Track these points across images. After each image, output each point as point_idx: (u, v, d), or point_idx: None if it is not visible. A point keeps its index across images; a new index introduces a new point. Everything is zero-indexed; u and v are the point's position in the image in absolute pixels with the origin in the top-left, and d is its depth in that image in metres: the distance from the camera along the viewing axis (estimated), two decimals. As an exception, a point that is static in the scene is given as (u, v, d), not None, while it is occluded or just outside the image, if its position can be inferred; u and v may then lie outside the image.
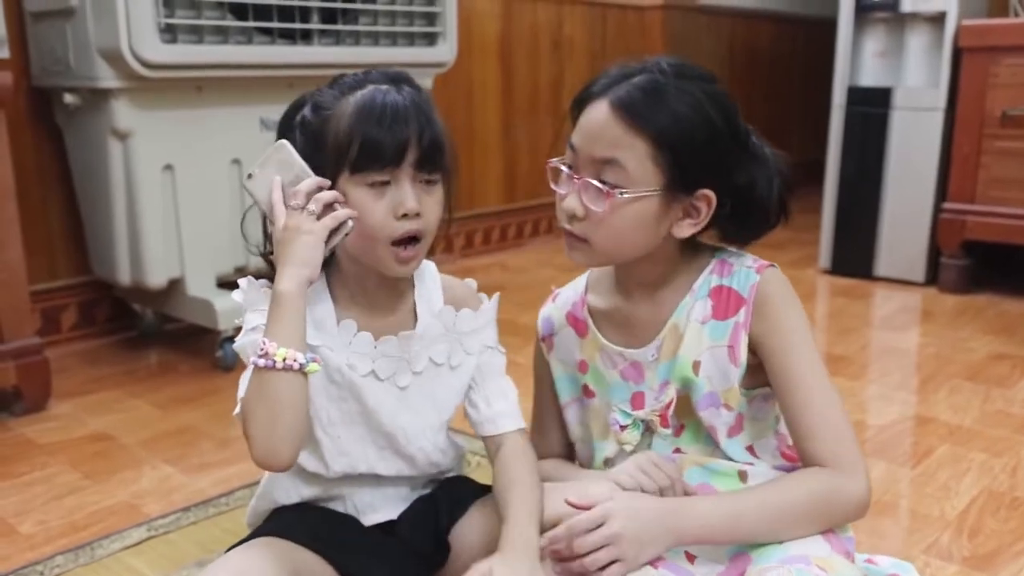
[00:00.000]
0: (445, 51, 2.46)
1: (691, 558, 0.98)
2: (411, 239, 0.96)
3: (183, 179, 2.10)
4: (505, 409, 1.07)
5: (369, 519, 1.07)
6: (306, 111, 0.98)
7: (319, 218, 0.91)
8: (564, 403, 1.15)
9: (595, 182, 0.95)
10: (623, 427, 1.06)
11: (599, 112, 0.96)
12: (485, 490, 1.09)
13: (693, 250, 1.05)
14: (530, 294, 2.72)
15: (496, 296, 1.11)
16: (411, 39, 2.40)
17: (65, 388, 2.04)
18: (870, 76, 2.99)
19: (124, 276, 2.14)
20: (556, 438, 1.18)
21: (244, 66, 2.09)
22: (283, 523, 1.03)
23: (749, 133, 1.01)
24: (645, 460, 1.01)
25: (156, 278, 2.11)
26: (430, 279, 1.08)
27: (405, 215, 0.94)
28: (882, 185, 2.90)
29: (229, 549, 1.00)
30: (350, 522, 1.06)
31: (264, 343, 0.87)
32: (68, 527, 1.45)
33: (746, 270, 1.02)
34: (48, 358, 1.93)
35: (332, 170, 0.94)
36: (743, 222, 1.02)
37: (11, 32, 2.07)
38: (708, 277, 1.03)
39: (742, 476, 1.02)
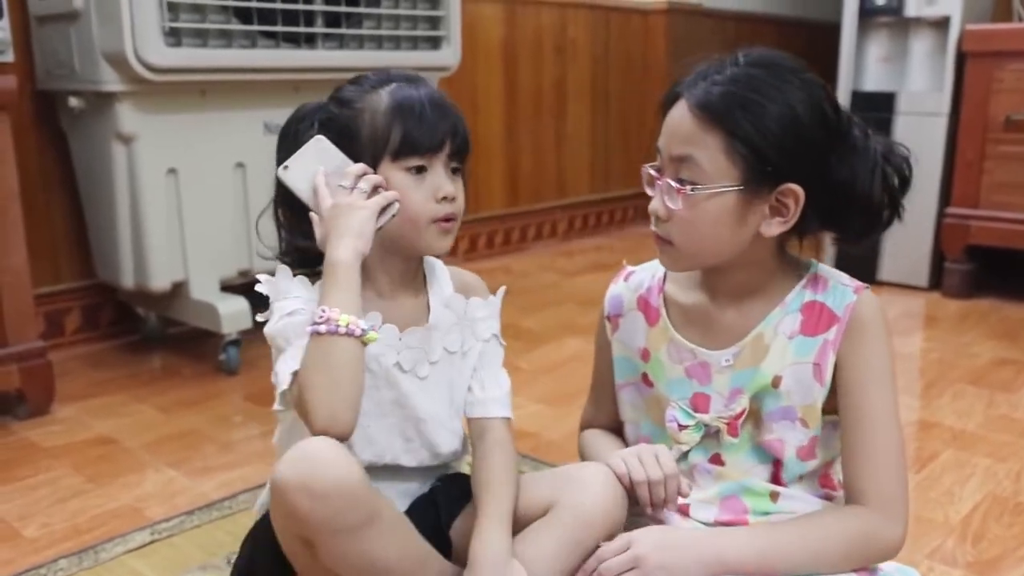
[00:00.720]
0: (449, 55, 2.47)
1: None
2: (449, 219, 1.01)
3: (187, 183, 2.10)
4: (496, 396, 1.08)
5: None
6: (331, 108, 1.03)
7: (368, 198, 0.96)
8: (619, 384, 1.13)
9: (671, 181, 0.94)
10: (682, 426, 1.04)
11: (678, 111, 0.95)
12: None
13: (788, 262, 1.03)
14: (533, 298, 2.72)
15: (503, 289, 1.12)
16: (415, 43, 2.40)
17: (68, 391, 2.04)
18: (874, 81, 2.99)
19: (128, 280, 2.14)
20: (607, 413, 1.17)
21: (248, 70, 2.10)
22: None
23: (849, 122, 0.97)
24: (647, 451, 1.00)
25: (160, 282, 2.11)
26: (439, 271, 1.11)
27: (444, 198, 1.00)
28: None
29: (245, 543, 1.01)
30: None
31: (324, 311, 0.89)
32: (71, 530, 1.45)
33: (842, 288, 0.99)
34: (51, 361, 1.93)
35: (369, 160, 0.99)
36: (846, 220, 0.97)
37: (16, 36, 2.08)
38: (801, 292, 1.00)
39: (773, 497, 1.01)
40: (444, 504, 1.07)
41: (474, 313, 1.08)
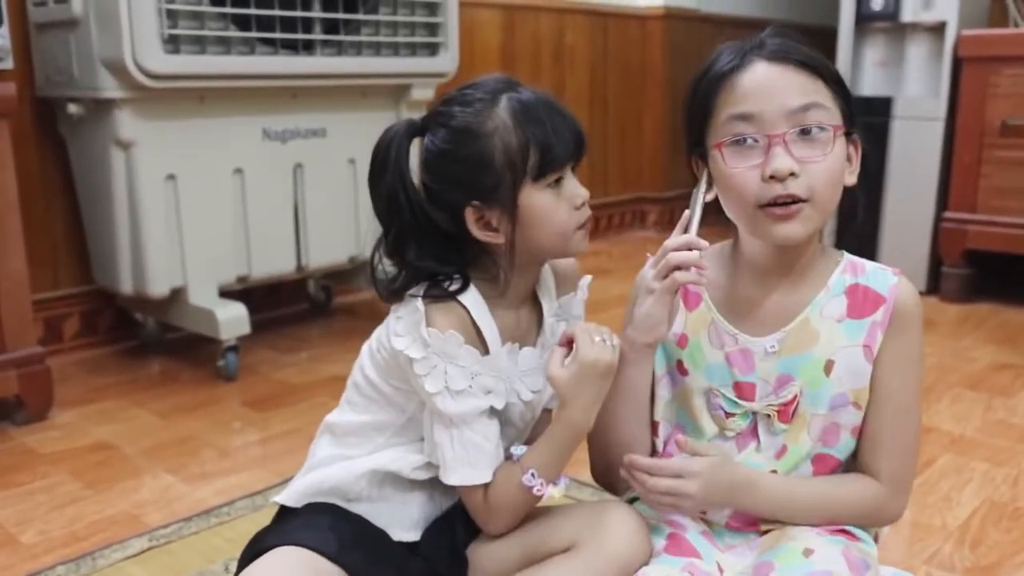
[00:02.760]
0: (447, 61, 2.47)
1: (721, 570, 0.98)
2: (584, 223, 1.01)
3: (185, 189, 2.10)
4: None
5: (397, 535, 1.06)
6: (444, 136, 0.97)
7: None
8: (658, 375, 1.07)
9: (811, 125, 0.92)
10: (728, 414, 1.02)
11: (767, 70, 0.93)
12: None
13: (824, 248, 1.03)
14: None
15: (588, 279, 1.13)
16: (413, 49, 2.41)
17: (67, 397, 2.04)
18: (871, 85, 3.00)
19: (126, 285, 2.14)
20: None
21: (247, 76, 2.10)
22: (314, 529, 1.00)
23: None
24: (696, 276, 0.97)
25: (158, 287, 2.11)
26: (544, 270, 1.09)
27: (583, 203, 0.99)
28: (883, 194, 2.91)
29: (254, 541, 1.01)
30: (379, 536, 1.04)
31: (541, 482, 0.97)
32: (69, 537, 1.45)
33: (881, 272, 1.01)
34: (50, 367, 1.93)
35: (510, 183, 0.95)
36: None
37: (15, 43, 2.07)
38: (841, 276, 1.01)
39: None
40: (462, 524, 1.06)
41: (573, 311, 1.10)
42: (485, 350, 0.99)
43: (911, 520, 1.49)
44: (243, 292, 2.33)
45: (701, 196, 0.99)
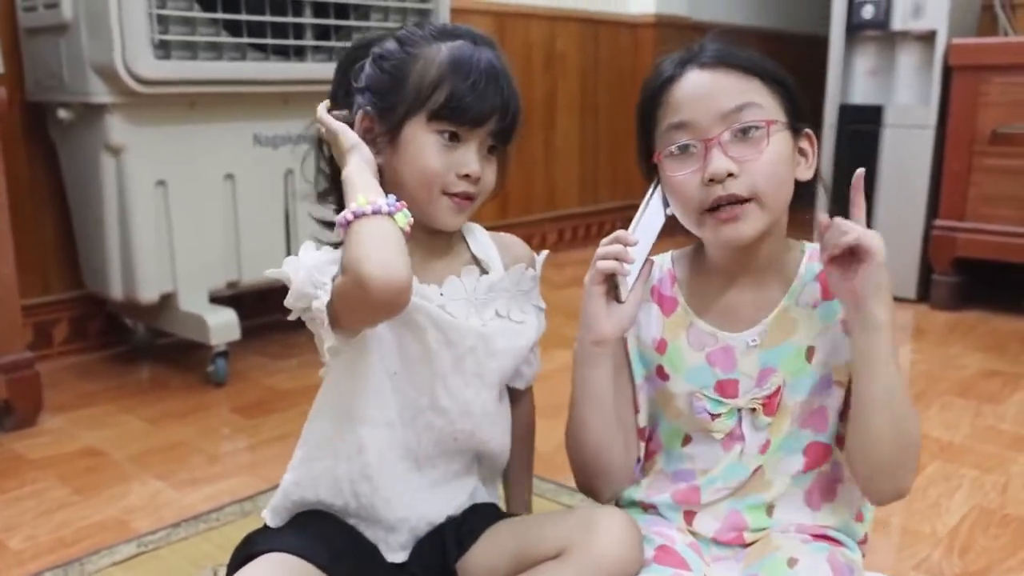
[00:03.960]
0: (439, 68, 2.47)
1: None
2: (466, 197, 0.98)
3: (176, 194, 2.10)
4: (536, 370, 1.14)
5: (387, 556, 1.05)
6: (388, 45, 0.98)
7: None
8: (639, 384, 1.08)
9: (744, 124, 0.92)
10: (714, 415, 1.02)
11: (699, 77, 0.95)
12: (499, 516, 1.09)
13: (788, 240, 1.04)
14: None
15: (545, 254, 1.11)
16: (405, 55, 2.41)
17: (56, 402, 2.03)
18: (861, 94, 3.01)
19: (116, 291, 2.14)
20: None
21: (238, 82, 2.10)
22: (306, 536, 0.99)
23: None
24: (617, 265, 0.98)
25: (148, 293, 2.11)
26: (480, 234, 1.08)
27: (467, 176, 0.96)
28: (873, 202, 2.92)
29: (244, 544, 1.00)
30: (371, 551, 1.04)
31: (347, 209, 0.89)
32: (57, 543, 1.44)
33: None
34: (39, 372, 1.93)
35: (405, 108, 0.95)
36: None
37: (5, 47, 2.08)
38: (809, 264, 1.01)
39: (768, 511, 1.02)
40: (453, 539, 1.05)
41: (523, 285, 1.07)
42: None
43: (900, 526, 1.49)
44: (233, 298, 2.32)
45: (648, 196, 1.00)
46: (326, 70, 2.21)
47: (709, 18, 4.18)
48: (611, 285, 0.98)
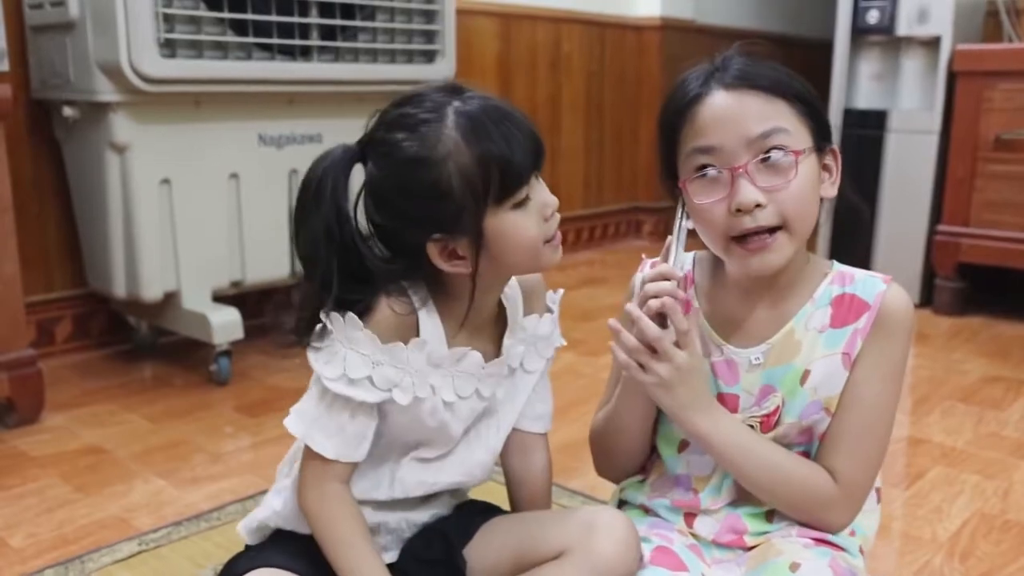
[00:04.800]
0: (443, 68, 2.47)
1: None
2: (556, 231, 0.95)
3: (180, 193, 2.10)
4: (549, 408, 1.10)
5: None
6: (388, 177, 0.89)
7: None
8: None
9: (773, 154, 0.91)
10: None
11: (723, 99, 0.92)
12: (492, 511, 1.09)
13: (813, 259, 1.03)
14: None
15: (560, 292, 1.08)
16: (410, 56, 2.41)
17: (59, 400, 2.03)
18: (866, 98, 3.01)
19: (120, 289, 2.14)
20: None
21: (243, 81, 2.10)
22: (288, 554, 0.99)
23: None
24: (672, 303, 0.95)
25: (152, 291, 2.11)
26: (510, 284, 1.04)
27: (553, 212, 0.93)
28: (877, 207, 2.91)
29: (231, 563, 1.00)
30: None
31: None
32: (58, 540, 1.44)
33: (871, 279, 1.00)
34: (42, 370, 1.93)
35: (473, 214, 0.87)
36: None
37: (11, 45, 2.07)
38: (829, 287, 1.00)
39: (769, 516, 1.02)
40: (455, 532, 1.04)
41: (539, 331, 1.03)
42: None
43: (902, 531, 1.49)
44: (236, 297, 2.32)
45: (678, 224, 0.99)
46: (332, 70, 2.24)
47: (714, 21, 4.18)
48: (660, 319, 0.97)
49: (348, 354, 0.90)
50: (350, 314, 0.90)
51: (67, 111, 2.07)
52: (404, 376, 0.93)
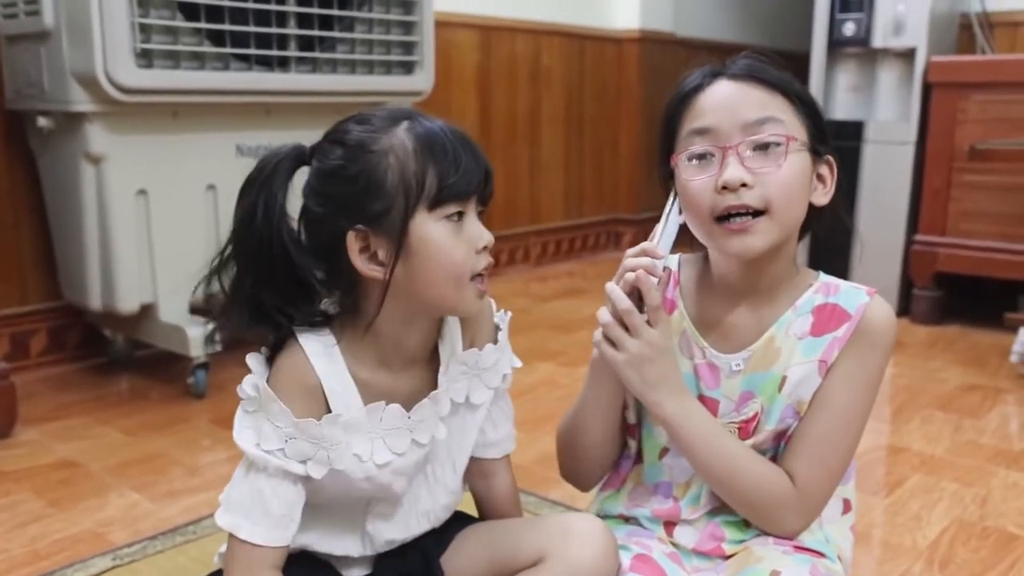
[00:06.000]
0: (422, 80, 2.47)
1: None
2: (484, 273, 0.91)
3: (157, 204, 2.08)
4: (508, 432, 1.06)
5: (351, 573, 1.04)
6: (337, 153, 0.88)
7: None
8: None
9: (764, 137, 0.92)
10: None
11: (727, 87, 0.95)
12: (467, 520, 1.08)
13: (799, 268, 1.03)
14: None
15: (507, 316, 1.04)
16: (388, 68, 2.41)
17: (32, 414, 2.01)
18: (843, 109, 3.03)
19: (95, 301, 2.12)
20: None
21: (220, 92, 2.09)
22: None
23: None
24: (644, 276, 0.95)
25: (128, 304, 2.09)
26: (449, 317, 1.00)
27: (485, 247, 0.90)
28: (855, 217, 2.93)
29: None
30: (329, 573, 1.02)
31: None
32: (31, 556, 1.42)
33: (855, 290, 1.00)
34: (15, 383, 1.90)
35: (401, 209, 0.85)
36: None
37: (-15, 55, 2.06)
38: (812, 296, 1.00)
39: (746, 523, 1.02)
40: (430, 543, 1.03)
41: (484, 363, 0.99)
42: (328, 408, 0.91)
43: (881, 539, 1.49)
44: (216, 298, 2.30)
45: (668, 208, 1.00)
46: (310, 81, 2.23)
47: (693, 34, 4.21)
48: (636, 296, 0.97)
49: (264, 425, 0.89)
50: (265, 386, 0.89)
51: (42, 121, 2.05)
52: (318, 450, 0.89)
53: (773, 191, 0.92)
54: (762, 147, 0.93)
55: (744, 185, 0.91)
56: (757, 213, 0.92)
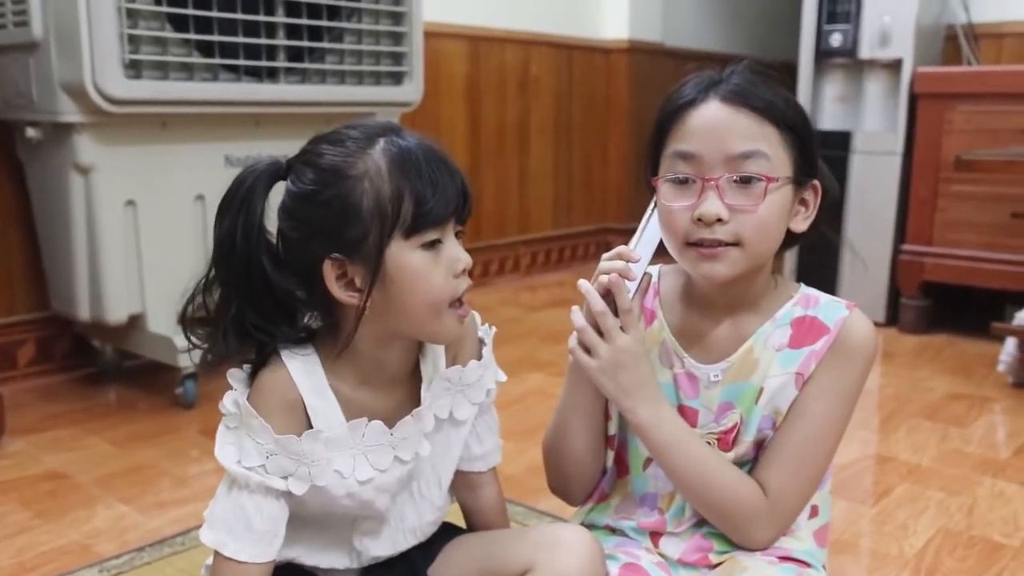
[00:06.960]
0: (411, 90, 2.48)
1: None
2: (462, 298, 0.90)
3: (145, 215, 2.08)
4: (493, 444, 1.06)
5: None
6: (310, 176, 0.86)
7: None
8: None
9: (746, 174, 0.91)
10: None
11: (715, 110, 0.93)
12: (454, 531, 1.08)
13: (779, 281, 1.03)
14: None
15: (491, 331, 1.04)
16: (377, 78, 2.41)
17: (20, 425, 2.00)
18: (830, 120, 3.05)
19: (84, 312, 2.11)
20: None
21: (209, 103, 2.09)
22: None
23: None
24: (617, 279, 0.95)
25: (116, 314, 2.08)
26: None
27: (464, 271, 0.89)
28: (842, 227, 2.95)
29: None
30: None
31: None
32: (17, 568, 1.41)
33: (834, 304, 1.00)
34: (3, 394, 1.90)
35: (376, 237, 0.84)
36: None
37: (-27, 65, 2.06)
38: (791, 308, 1.00)
39: None
40: (417, 554, 1.03)
41: (468, 379, 0.99)
42: (309, 424, 0.90)
43: (868, 548, 1.50)
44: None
45: (649, 213, 1.00)
46: (299, 92, 2.24)
47: (682, 44, 4.23)
48: (611, 299, 0.97)
49: (245, 441, 0.89)
50: (245, 403, 0.89)
51: (30, 132, 2.04)
52: (299, 466, 0.89)
53: (748, 229, 0.92)
54: (743, 182, 0.92)
55: (719, 220, 0.92)
56: (729, 244, 0.93)
